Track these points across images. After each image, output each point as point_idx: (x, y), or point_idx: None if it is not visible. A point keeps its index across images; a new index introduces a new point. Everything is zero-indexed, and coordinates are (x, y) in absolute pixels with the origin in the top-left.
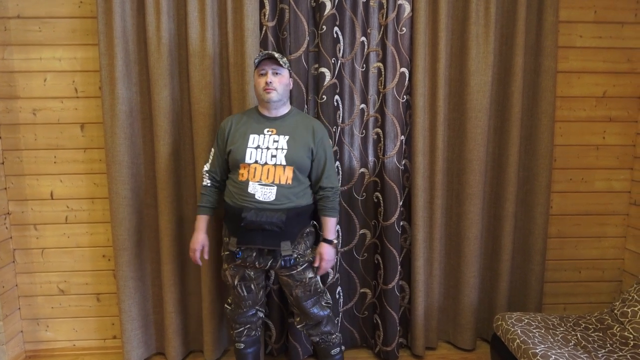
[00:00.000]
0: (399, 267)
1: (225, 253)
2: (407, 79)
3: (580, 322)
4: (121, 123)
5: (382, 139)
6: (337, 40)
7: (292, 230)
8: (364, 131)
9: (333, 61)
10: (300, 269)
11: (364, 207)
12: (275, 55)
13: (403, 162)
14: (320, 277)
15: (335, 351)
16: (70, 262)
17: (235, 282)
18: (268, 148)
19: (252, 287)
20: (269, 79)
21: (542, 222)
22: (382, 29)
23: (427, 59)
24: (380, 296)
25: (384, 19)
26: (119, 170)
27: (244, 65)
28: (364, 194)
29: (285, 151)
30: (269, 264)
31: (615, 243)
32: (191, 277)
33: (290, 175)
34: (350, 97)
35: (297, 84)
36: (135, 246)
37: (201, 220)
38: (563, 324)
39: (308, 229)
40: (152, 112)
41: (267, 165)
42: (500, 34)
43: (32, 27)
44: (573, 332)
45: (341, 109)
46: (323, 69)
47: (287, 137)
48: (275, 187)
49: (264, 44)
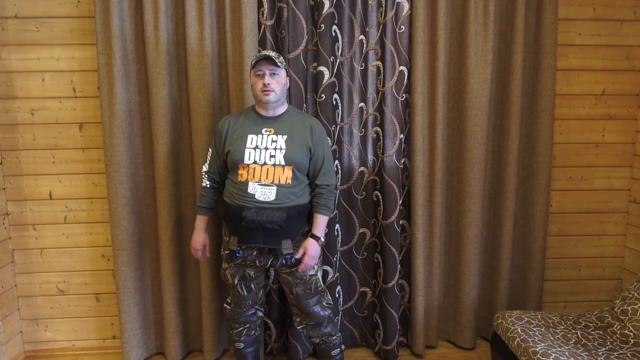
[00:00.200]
0: (399, 265)
1: (226, 252)
2: (406, 78)
3: (580, 320)
4: (120, 122)
5: (381, 137)
6: (335, 38)
7: (293, 229)
8: (363, 130)
9: (332, 60)
10: None
11: (364, 206)
12: (272, 55)
13: (402, 161)
14: (321, 277)
15: (335, 352)
16: (70, 262)
17: (235, 282)
18: (267, 148)
19: (252, 287)
20: (267, 81)
21: (542, 220)
22: (380, 28)
23: (426, 57)
24: (380, 295)
25: (383, 17)
26: (118, 170)
27: (243, 64)
28: (364, 192)
29: (284, 151)
30: (270, 263)
31: (615, 241)
32: (191, 276)
33: (290, 174)
34: (349, 96)
35: (296, 83)
36: (134, 246)
37: (201, 220)
38: (563, 322)
39: (308, 228)
40: (150, 111)
41: (266, 165)
42: (499, 31)
43: (30, 26)
44: (573, 331)
45: (340, 108)
46: (322, 68)
47: (285, 137)
48: (275, 187)
49: (262, 43)
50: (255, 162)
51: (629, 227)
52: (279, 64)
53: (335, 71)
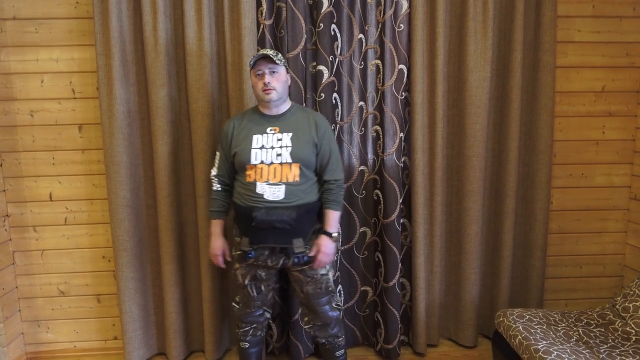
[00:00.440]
0: (400, 264)
1: (237, 253)
2: (405, 76)
3: (581, 317)
4: (119, 123)
5: (381, 136)
6: (334, 37)
7: (303, 228)
8: (362, 129)
9: (331, 59)
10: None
11: (364, 204)
12: (270, 54)
13: (402, 160)
14: (332, 277)
15: (339, 352)
16: (70, 264)
17: (246, 282)
18: (272, 147)
19: (262, 288)
20: (267, 80)
21: (543, 217)
22: (379, 26)
23: (425, 56)
24: (381, 294)
25: (382, 15)
26: (118, 170)
27: (242, 64)
28: (364, 191)
29: (290, 148)
30: (282, 262)
31: (616, 238)
32: (192, 277)
33: (297, 172)
34: (348, 95)
35: (295, 82)
36: (135, 247)
37: (216, 225)
38: (565, 320)
39: (319, 226)
40: (150, 112)
41: (273, 164)
42: (499, 29)
43: (29, 28)
44: (575, 328)
45: (340, 107)
46: (321, 67)
47: (290, 134)
48: (283, 186)
49: (261, 43)
50: (262, 162)
51: (630, 224)
52: (277, 61)
53: (334, 70)
